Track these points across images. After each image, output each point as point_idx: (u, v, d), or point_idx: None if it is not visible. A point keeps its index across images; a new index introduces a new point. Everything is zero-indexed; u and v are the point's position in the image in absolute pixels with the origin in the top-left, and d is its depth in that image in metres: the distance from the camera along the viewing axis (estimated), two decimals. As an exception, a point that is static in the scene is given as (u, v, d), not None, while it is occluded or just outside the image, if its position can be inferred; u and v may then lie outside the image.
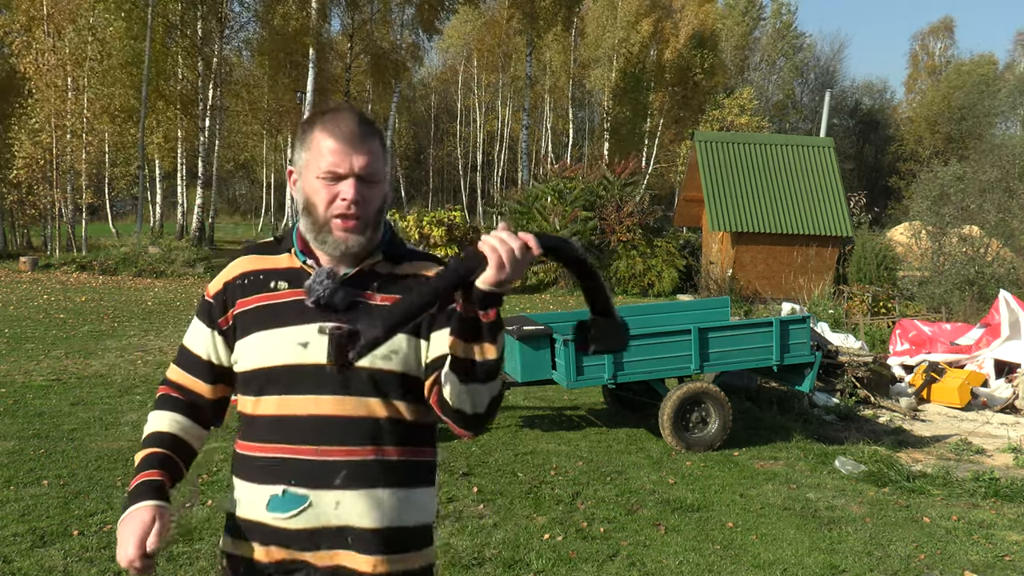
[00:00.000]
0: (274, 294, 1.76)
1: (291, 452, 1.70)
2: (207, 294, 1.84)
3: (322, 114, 1.75)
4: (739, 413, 7.53)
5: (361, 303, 1.73)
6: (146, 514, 1.65)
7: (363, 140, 1.70)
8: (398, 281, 1.77)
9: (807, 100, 54.39)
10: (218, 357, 1.82)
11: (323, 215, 1.70)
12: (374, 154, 1.71)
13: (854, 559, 4.76)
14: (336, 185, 1.69)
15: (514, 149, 42.17)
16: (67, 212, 24.59)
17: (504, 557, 4.47)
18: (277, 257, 1.81)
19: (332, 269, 1.73)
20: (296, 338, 1.71)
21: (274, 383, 1.72)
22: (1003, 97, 37.11)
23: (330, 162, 1.68)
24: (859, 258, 18.39)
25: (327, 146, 1.68)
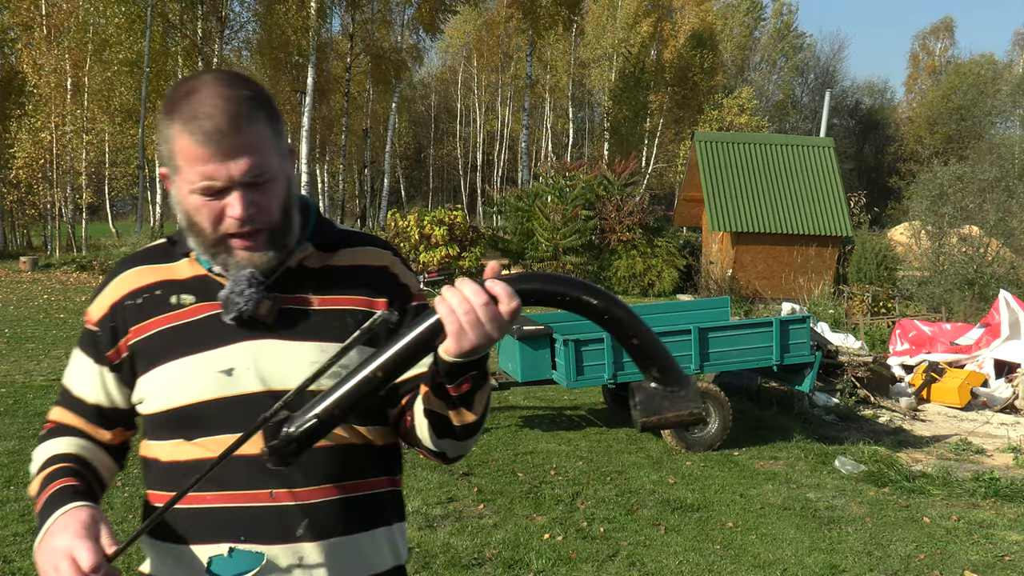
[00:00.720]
0: (179, 312, 1.39)
1: (238, 500, 1.33)
2: (88, 321, 1.44)
3: (180, 95, 1.31)
4: (739, 413, 7.53)
5: (295, 311, 1.38)
6: (83, 513, 1.25)
7: (237, 132, 1.28)
8: (337, 275, 1.43)
9: (807, 100, 54.40)
10: (110, 399, 1.44)
11: (213, 234, 1.33)
12: (256, 146, 1.30)
13: (854, 559, 4.76)
14: (218, 200, 1.30)
15: (514, 149, 42.18)
16: (67, 212, 24.60)
17: (504, 557, 4.47)
18: (173, 265, 1.43)
19: (253, 272, 1.35)
20: (217, 365, 1.35)
21: (201, 423, 1.35)
22: (1003, 97, 37.10)
23: (202, 173, 1.28)
24: (859, 258, 18.40)
25: (192, 152, 1.28)
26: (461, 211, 19.71)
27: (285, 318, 1.37)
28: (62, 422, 1.46)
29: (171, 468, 1.38)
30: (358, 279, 1.44)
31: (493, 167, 42.90)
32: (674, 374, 1.18)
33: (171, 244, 1.46)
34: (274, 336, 1.36)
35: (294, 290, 1.39)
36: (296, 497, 1.34)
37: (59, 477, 1.34)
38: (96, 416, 1.44)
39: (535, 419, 7.68)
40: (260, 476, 1.32)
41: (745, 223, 18.32)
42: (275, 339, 1.36)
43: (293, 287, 1.40)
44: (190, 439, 1.36)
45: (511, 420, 7.57)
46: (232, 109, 1.28)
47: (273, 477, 1.32)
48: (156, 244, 1.50)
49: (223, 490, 1.33)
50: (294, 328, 1.37)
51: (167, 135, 1.31)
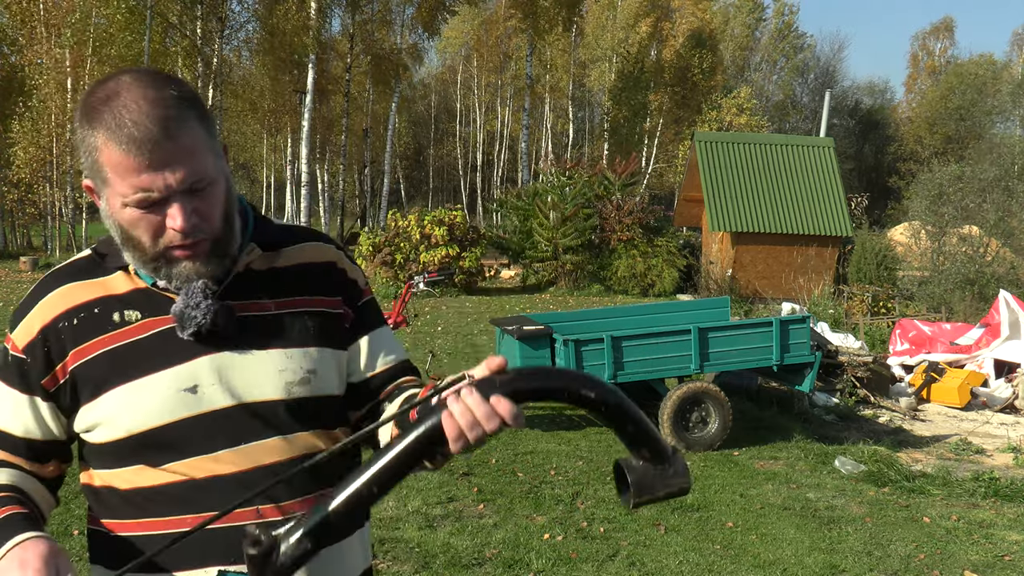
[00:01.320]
0: (124, 330, 1.28)
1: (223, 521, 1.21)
2: (12, 348, 1.30)
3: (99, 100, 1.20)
4: (739, 413, 7.54)
5: (253, 318, 1.32)
6: (40, 546, 1.12)
7: (170, 138, 1.18)
8: (286, 276, 1.37)
9: (807, 100, 54.40)
10: (44, 431, 1.31)
11: (153, 249, 1.24)
12: (191, 150, 1.20)
13: (854, 559, 4.76)
14: (156, 212, 1.21)
15: (514, 149, 42.18)
16: (67, 212, 24.61)
17: (504, 557, 4.47)
18: (107, 279, 1.31)
19: (205, 282, 1.27)
20: (178, 383, 1.27)
21: (168, 447, 1.27)
22: (1003, 96, 37.15)
23: (136, 185, 1.18)
24: (859, 258, 18.39)
25: (122, 163, 1.17)
26: (461, 211, 19.71)
27: (243, 326, 1.30)
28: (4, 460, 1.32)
29: (134, 495, 1.29)
30: (308, 278, 1.38)
31: (493, 167, 42.91)
32: (664, 453, 1.19)
33: (99, 257, 1.33)
34: (235, 347, 1.30)
35: (247, 296, 1.33)
36: (283, 511, 1.29)
37: (2, 505, 1.22)
38: (27, 450, 1.31)
39: (535, 419, 7.69)
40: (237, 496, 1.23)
41: (745, 223, 18.32)
42: (237, 350, 1.30)
43: (245, 293, 1.33)
44: (156, 465, 1.27)
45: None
46: (160, 112, 1.18)
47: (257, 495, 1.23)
48: (80, 258, 1.36)
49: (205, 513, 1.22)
50: (255, 335, 1.31)
51: (90, 145, 1.20)
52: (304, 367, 1.32)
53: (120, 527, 1.31)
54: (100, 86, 1.22)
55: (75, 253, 12.58)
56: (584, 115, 45.88)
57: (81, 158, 1.25)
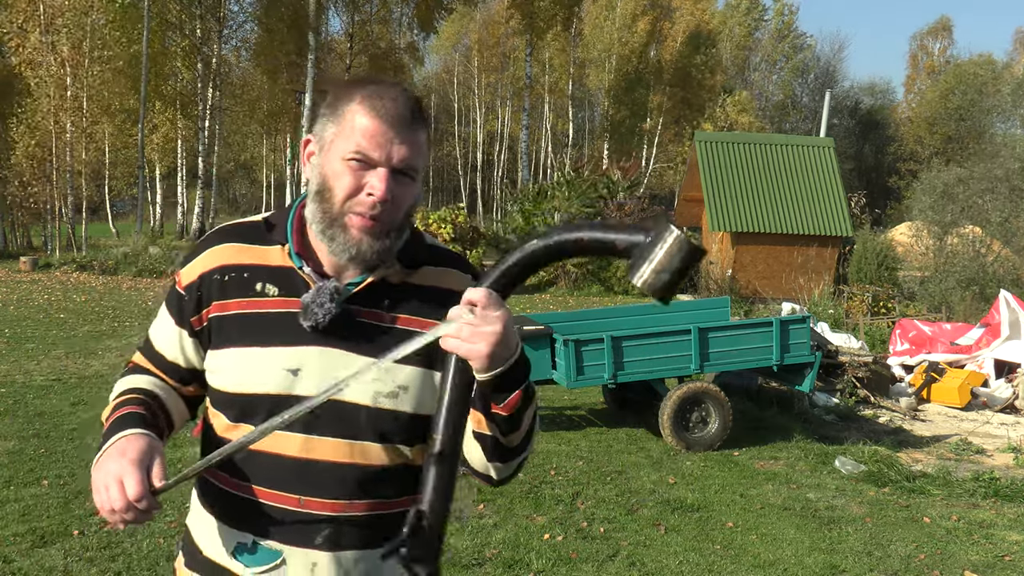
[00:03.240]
0: (260, 300, 1.43)
1: (268, 498, 1.39)
2: (179, 283, 1.50)
3: (365, 83, 1.40)
4: (739, 413, 7.53)
5: (368, 325, 1.42)
6: (140, 442, 1.32)
7: (410, 126, 1.37)
8: (415, 293, 1.45)
9: (807, 100, 54.39)
10: (187, 360, 1.50)
11: (340, 206, 1.37)
12: (418, 146, 1.39)
13: (854, 559, 4.76)
14: (365, 173, 1.36)
15: (514, 149, 42.18)
16: (67, 212, 24.60)
17: (504, 557, 4.47)
18: (266, 249, 1.46)
19: (337, 286, 1.40)
20: (285, 363, 1.39)
21: (256, 412, 1.39)
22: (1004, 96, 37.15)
23: (364, 144, 1.35)
24: (859, 258, 18.39)
25: (364, 124, 1.36)
26: (463, 211, 19.74)
27: (357, 331, 1.41)
28: (142, 365, 1.55)
29: (220, 443, 1.42)
30: (434, 301, 1.44)
31: (493, 167, 42.91)
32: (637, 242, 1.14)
33: (267, 228, 1.48)
34: (343, 346, 1.40)
35: (371, 304, 1.43)
36: (324, 508, 1.39)
37: (129, 405, 1.42)
38: (173, 372, 1.51)
39: (535, 419, 7.67)
40: (293, 480, 1.38)
41: (745, 223, 18.31)
42: (346, 350, 1.40)
43: (371, 300, 1.43)
44: (238, 421, 1.41)
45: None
46: (412, 106, 1.39)
47: (308, 485, 1.38)
48: (253, 221, 1.52)
49: (258, 484, 1.40)
50: (365, 342, 1.40)
51: (339, 107, 1.38)
52: (397, 382, 1.41)
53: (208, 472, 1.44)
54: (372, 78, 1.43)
55: (75, 253, 12.67)
56: (584, 115, 45.87)
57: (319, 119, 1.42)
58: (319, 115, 1.43)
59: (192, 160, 30.12)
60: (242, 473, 1.41)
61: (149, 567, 4.11)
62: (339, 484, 1.39)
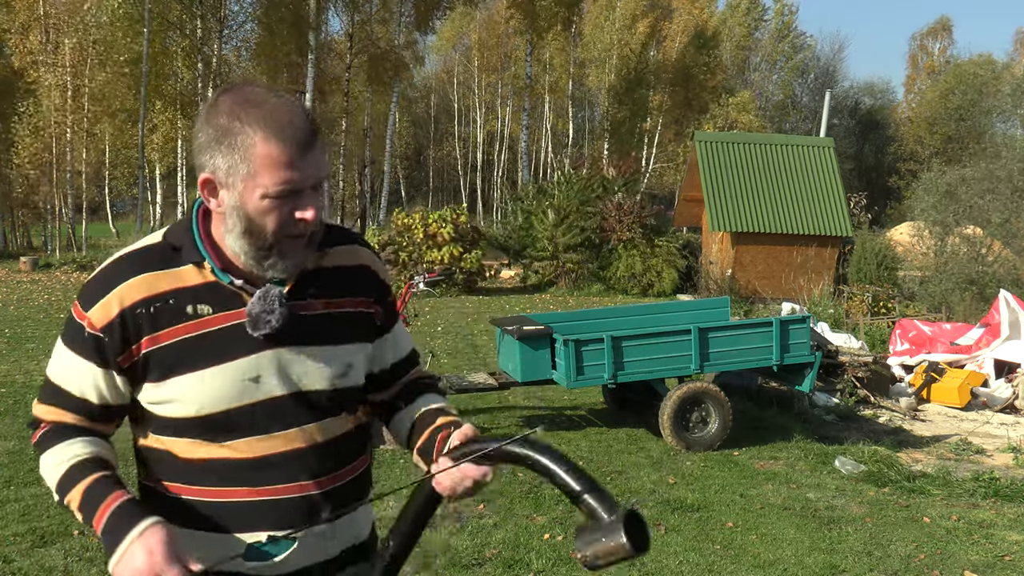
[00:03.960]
0: (196, 322, 1.42)
1: (272, 494, 1.46)
2: (90, 325, 1.41)
3: (251, 104, 1.36)
4: (739, 413, 7.53)
5: (305, 317, 1.48)
6: (160, 532, 1.32)
7: (313, 141, 1.38)
8: (334, 275, 1.54)
9: (807, 100, 54.39)
10: (117, 396, 1.46)
11: (273, 237, 1.39)
12: (323, 156, 1.42)
13: (854, 559, 4.76)
14: (287, 203, 1.37)
15: (514, 149, 42.18)
16: (67, 212, 24.61)
17: (504, 557, 4.47)
18: (179, 271, 1.44)
19: (278, 290, 1.44)
20: (244, 374, 1.43)
21: (229, 428, 1.44)
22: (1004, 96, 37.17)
23: (284, 178, 1.34)
24: (859, 258, 18.38)
25: (275, 156, 1.34)
26: (464, 211, 19.75)
27: (298, 325, 1.47)
28: (63, 422, 1.47)
29: (190, 465, 1.46)
30: (349, 280, 1.56)
31: (493, 167, 42.90)
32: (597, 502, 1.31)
33: (172, 249, 1.45)
34: (292, 343, 1.46)
35: (300, 296, 1.49)
36: (322, 485, 1.50)
37: (109, 490, 1.38)
38: (100, 413, 1.47)
39: (535, 419, 7.68)
40: (291, 471, 1.47)
41: (745, 223, 18.31)
42: (294, 346, 1.47)
43: (299, 293, 1.49)
44: (215, 441, 1.44)
45: (511, 420, 7.56)
46: (306, 116, 1.39)
47: (303, 470, 1.48)
48: (151, 246, 1.47)
49: (255, 485, 1.46)
50: (307, 333, 1.48)
51: (234, 138, 1.35)
52: (345, 362, 1.52)
53: (174, 489, 1.48)
54: (238, 92, 1.39)
55: (75, 253, 12.60)
56: (584, 115, 45.87)
57: (219, 154, 1.37)
58: (207, 145, 1.38)
59: (192, 160, 30.09)
60: (236, 482, 1.45)
61: (149, 567, 4.11)
62: (322, 462, 1.50)
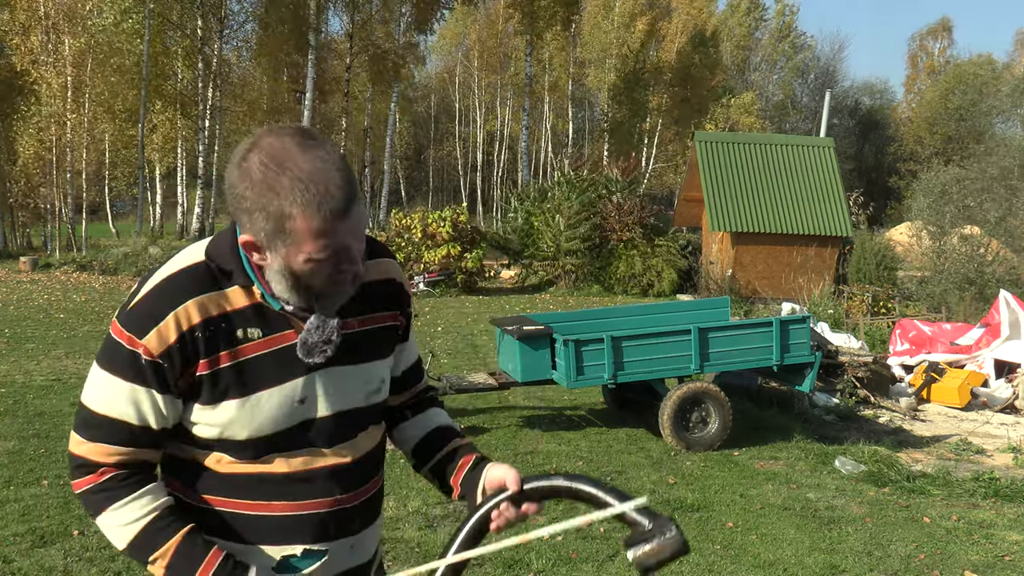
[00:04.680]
0: (246, 347, 1.44)
1: (307, 508, 1.51)
2: (146, 352, 1.40)
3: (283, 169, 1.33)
4: (739, 413, 7.53)
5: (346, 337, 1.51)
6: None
7: (352, 207, 1.36)
8: (366, 292, 1.54)
9: (807, 100, 54.39)
10: (175, 418, 1.47)
11: (321, 289, 1.44)
12: (362, 216, 1.40)
13: (854, 559, 4.76)
14: (333, 259, 1.39)
15: (514, 149, 42.17)
16: (67, 212, 24.60)
17: (504, 557, 4.47)
18: (227, 293, 1.44)
19: (336, 321, 1.48)
20: (293, 396, 1.47)
21: (273, 448, 1.48)
22: (1004, 96, 37.15)
23: (325, 244, 1.35)
24: (859, 258, 18.38)
25: (317, 228, 1.33)
26: (464, 210, 19.75)
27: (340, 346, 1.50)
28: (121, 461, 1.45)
29: (231, 478, 1.49)
30: (380, 295, 1.60)
31: (493, 167, 42.90)
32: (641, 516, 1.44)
33: (220, 271, 1.44)
34: (334, 363, 1.50)
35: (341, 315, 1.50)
36: (354, 498, 1.56)
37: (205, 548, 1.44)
38: (156, 438, 1.47)
39: (535, 419, 7.68)
40: (327, 485, 1.52)
41: (745, 223, 18.31)
42: (335, 366, 1.51)
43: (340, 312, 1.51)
44: (258, 458, 1.48)
45: (511, 420, 7.56)
46: (342, 174, 1.34)
47: (339, 485, 1.53)
48: (197, 265, 1.45)
49: (295, 500, 1.50)
50: (347, 354, 1.52)
51: (279, 213, 1.32)
52: (379, 378, 1.59)
53: (211, 500, 1.50)
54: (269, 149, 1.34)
55: (75, 253, 12.47)
56: (584, 115, 45.86)
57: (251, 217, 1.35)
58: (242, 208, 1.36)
59: (192, 160, 30.09)
60: (277, 497, 1.49)
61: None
62: (357, 477, 1.56)
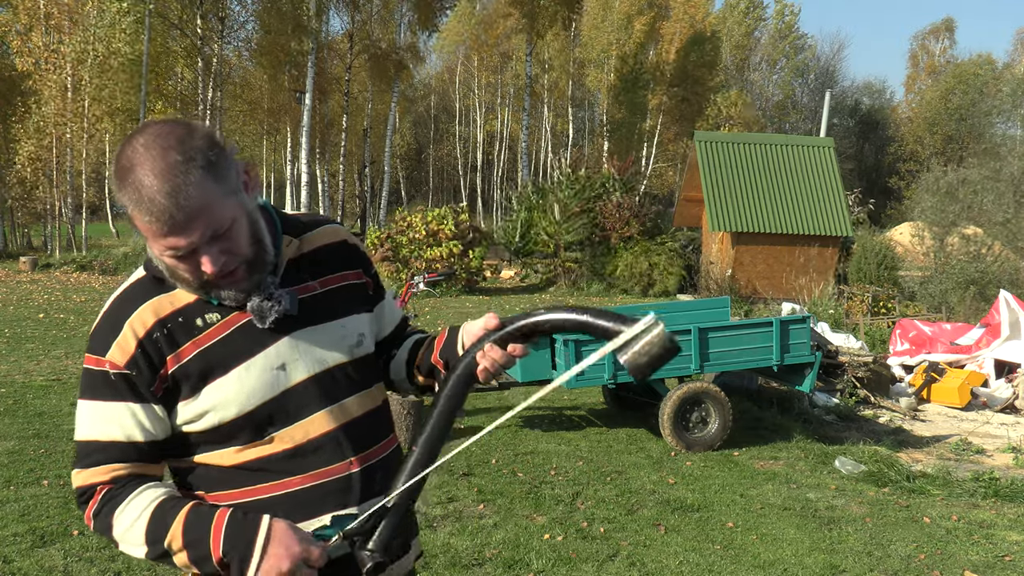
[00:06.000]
0: (209, 332, 1.45)
1: (323, 477, 1.49)
2: (112, 366, 1.42)
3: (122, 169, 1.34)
4: (739, 413, 7.54)
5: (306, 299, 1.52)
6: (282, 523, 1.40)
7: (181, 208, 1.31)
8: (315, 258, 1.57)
9: (807, 100, 54.38)
10: (161, 429, 1.46)
11: (198, 283, 1.41)
12: (204, 209, 1.33)
13: (854, 559, 4.76)
14: (190, 259, 1.38)
15: (514, 149, 42.18)
16: (67, 212, 24.60)
17: (504, 557, 4.47)
18: (174, 293, 1.46)
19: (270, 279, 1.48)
20: (269, 365, 1.46)
21: (268, 422, 1.47)
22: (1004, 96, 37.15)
23: (163, 244, 1.35)
24: (859, 258, 18.39)
25: (150, 230, 1.34)
26: (464, 210, 19.77)
27: (303, 306, 1.51)
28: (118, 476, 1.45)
29: (240, 469, 1.48)
30: (335, 256, 1.60)
31: (493, 167, 42.91)
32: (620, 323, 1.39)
33: (155, 280, 1.46)
34: (303, 325, 1.51)
35: (295, 281, 1.52)
36: (370, 457, 1.55)
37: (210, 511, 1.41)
38: (149, 452, 1.46)
39: (535, 419, 7.68)
40: (336, 449, 1.51)
41: (745, 223, 18.31)
42: (306, 327, 1.51)
43: (293, 279, 1.52)
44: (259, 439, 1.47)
45: (511, 420, 7.57)
46: (169, 185, 1.30)
47: (346, 448, 1.52)
48: (140, 279, 1.49)
49: (308, 471, 1.49)
50: (314, 312, 1.52)
51: (126, 205, 1.35)
52: (357, 331, 1.58)
53: (228, 497, 1.49)
54: (123, 151, 1.36)
55: (75, 253, 12.61)
56: (584, 115, 45.86)
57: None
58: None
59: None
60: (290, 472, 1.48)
61: (149, 567, 4.11)
62: (364, 436, 1.56)
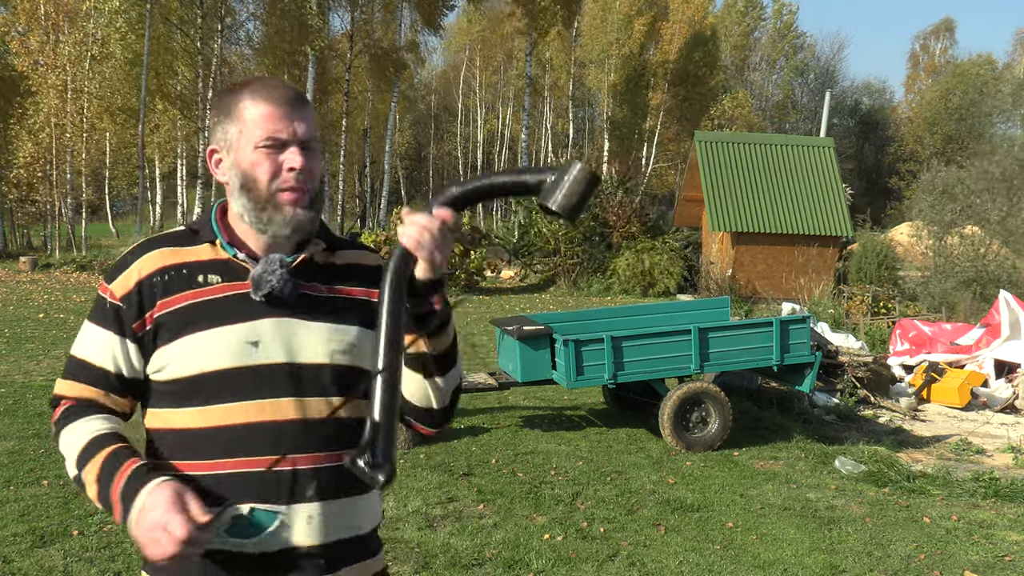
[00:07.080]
0: (205, 289, 1.52)
1: (254, 466, 1.47)
2: (111, 296, 1.53)
3: (244, 83, 1.56)
4: (739, 413, 7.54)
5: (310, 296, 1.56)
6: (169, 488, 1.36)
7: (301, 105, 1.54)
8: (341, 270, 1.62)
9: (807, 100, 54.37)
10: (131, 368, 1.53)
11: (267, 189, 1.51)
12: (311, 119, 1.56)
13: (854, 559, 4.76)
14: (279, 154, 1.51)
15: (514, 149, 42.18)
16: (67, 212, 24.60)
17: (504, 557, 4.47)
18: (196, 249, 1.56)
19: (281, 256, 1.54)
20: (243, 336, 1.49)
21: (224, 389, 1.48)
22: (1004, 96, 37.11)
23: (270, 128, 1.50)
24: (859, 258, 18.39)
25: (263, 112, 1.50)
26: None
27: (302, 301, 1.55)
28: (82, 397, 1.53)
29: (191, 438, 1.49)
30: (356, 275, 1.64)
31: (493, 167, 42.92)
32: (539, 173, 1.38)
33: (191, 232, 1.59)
34: (294, 315, 1.53)
35: (306, 279, 1.56)
36: (306, 462, 1.50)
37: (125, 458, 1.43)
38: (116, 384, 1.53)
39: (535, 419, 7.68)
40: (274, 440, 1.48)
41: (745, 223, 18.32)
42: (296, 318, 1.54)
43: (305, 276, 1.56)
44: (210, 403, 1.48)
45: (511, 420, 7.57)
46: (294, 90, 1.55)
47: (287, 442, 1.49)
48: (176, 230, 1.62)
49: (241, 456, 1.47)
50: (310, 310, 1.55)
51: (232, 109, 1.52)
52: (346, 340, 1.56)
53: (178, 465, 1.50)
54: (247, 79, 1.58)
55: (75, 253, 12.74)
56: (584, 115, 45.87)
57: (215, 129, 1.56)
58: (214, 125, 1.57)
59: (192, 160, 30.11)
60: (225, 452, 1.47)
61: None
62: (312, 437, 1.51)
